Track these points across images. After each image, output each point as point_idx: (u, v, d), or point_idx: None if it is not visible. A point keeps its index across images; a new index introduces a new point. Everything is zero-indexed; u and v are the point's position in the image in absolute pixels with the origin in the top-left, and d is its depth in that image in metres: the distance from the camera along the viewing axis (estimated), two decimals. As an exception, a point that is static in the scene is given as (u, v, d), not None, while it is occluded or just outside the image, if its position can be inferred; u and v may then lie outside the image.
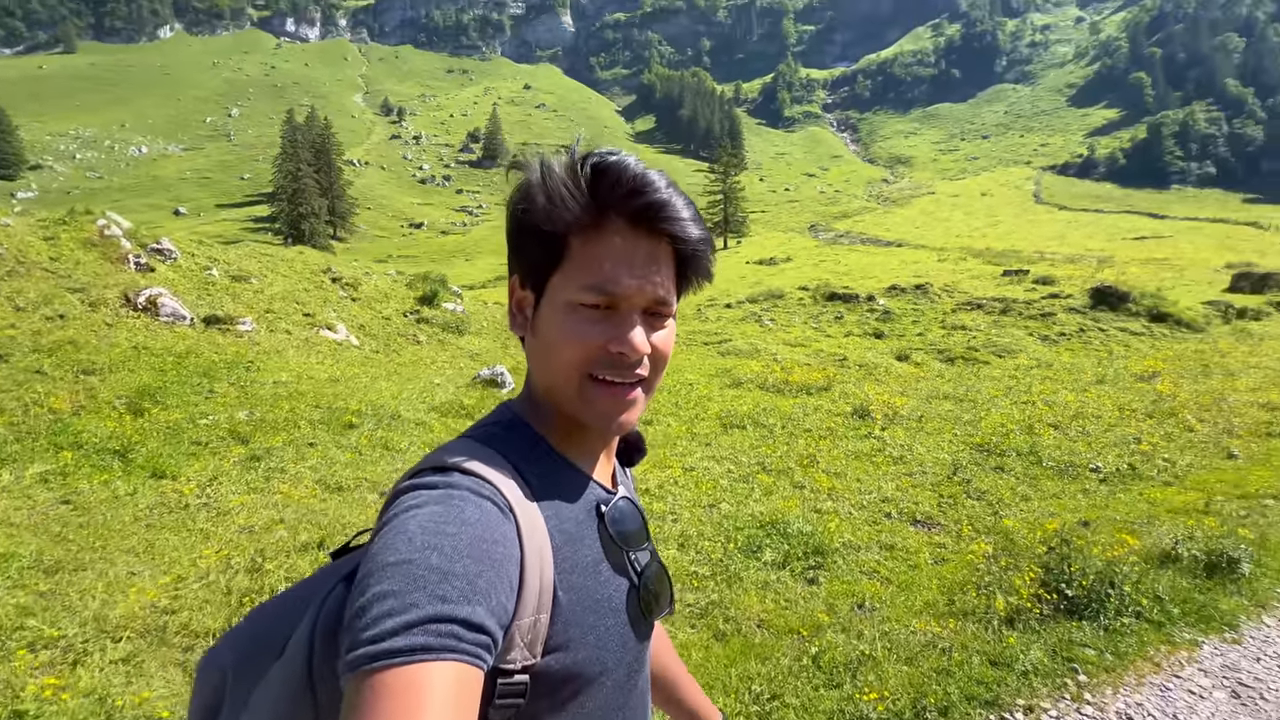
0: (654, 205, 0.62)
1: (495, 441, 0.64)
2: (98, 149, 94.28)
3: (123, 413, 5.28)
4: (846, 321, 18.79)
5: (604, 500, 0.67)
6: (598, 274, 0.61)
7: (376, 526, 0.55)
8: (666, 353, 0.68)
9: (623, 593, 0.65)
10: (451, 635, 0.45)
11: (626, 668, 0.66)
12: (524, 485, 0.61)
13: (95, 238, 9.50)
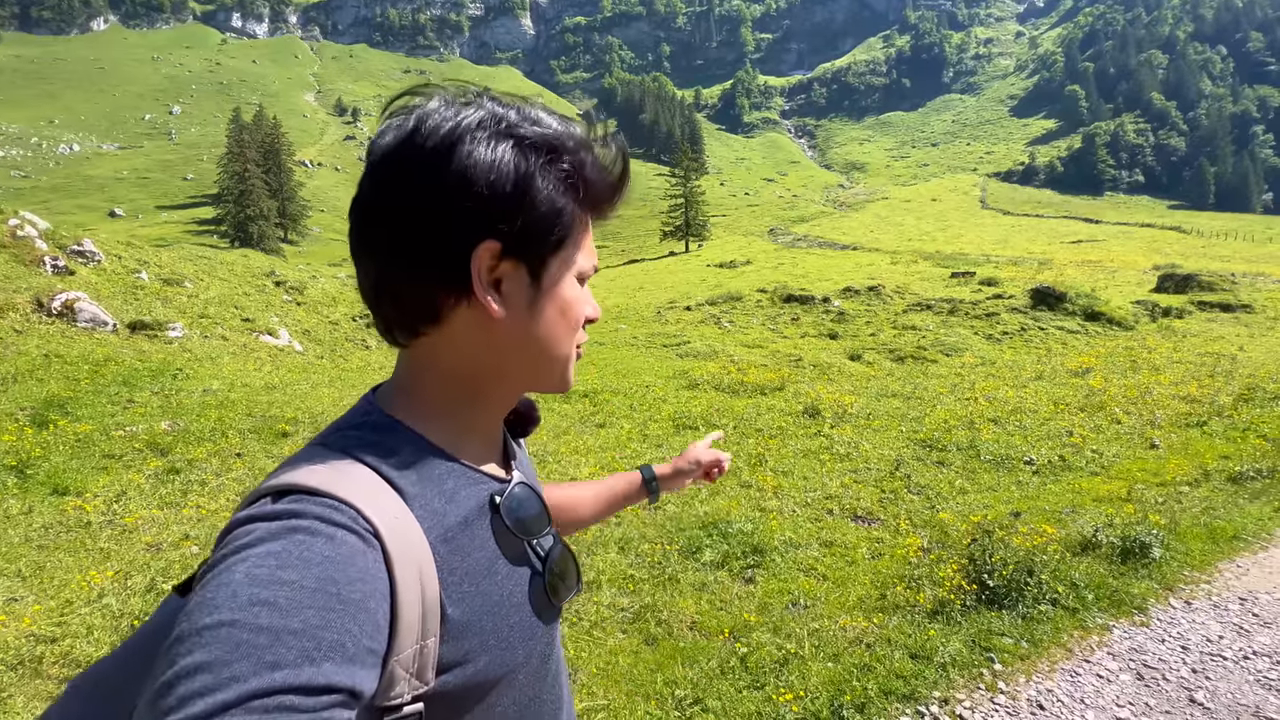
0: (619, 201, 0.64)
1: (358, 448, 0.54)
2: (23, 146, 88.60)
3: (24, 425, 4.89)
4: (803, 323, 19.10)
5: (498, 491, 0.61)
6: (592, 253, 0.63)
7: (199, 573, 0.45)
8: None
9: (525, 584, 0.61)
10: (284, 709, 0.36)
11: (539, 656, 0.63)
12: (395, 497, 0.52)
13: (6, 239, 8.87)
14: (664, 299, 25.51)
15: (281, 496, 0.47)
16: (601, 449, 6.36)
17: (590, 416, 7.84)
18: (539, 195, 0.55)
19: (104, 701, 0.50)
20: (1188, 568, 3.34)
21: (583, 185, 0.59)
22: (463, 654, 0.54)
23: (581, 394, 9.31)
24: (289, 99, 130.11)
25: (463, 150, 0.53)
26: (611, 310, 23.17)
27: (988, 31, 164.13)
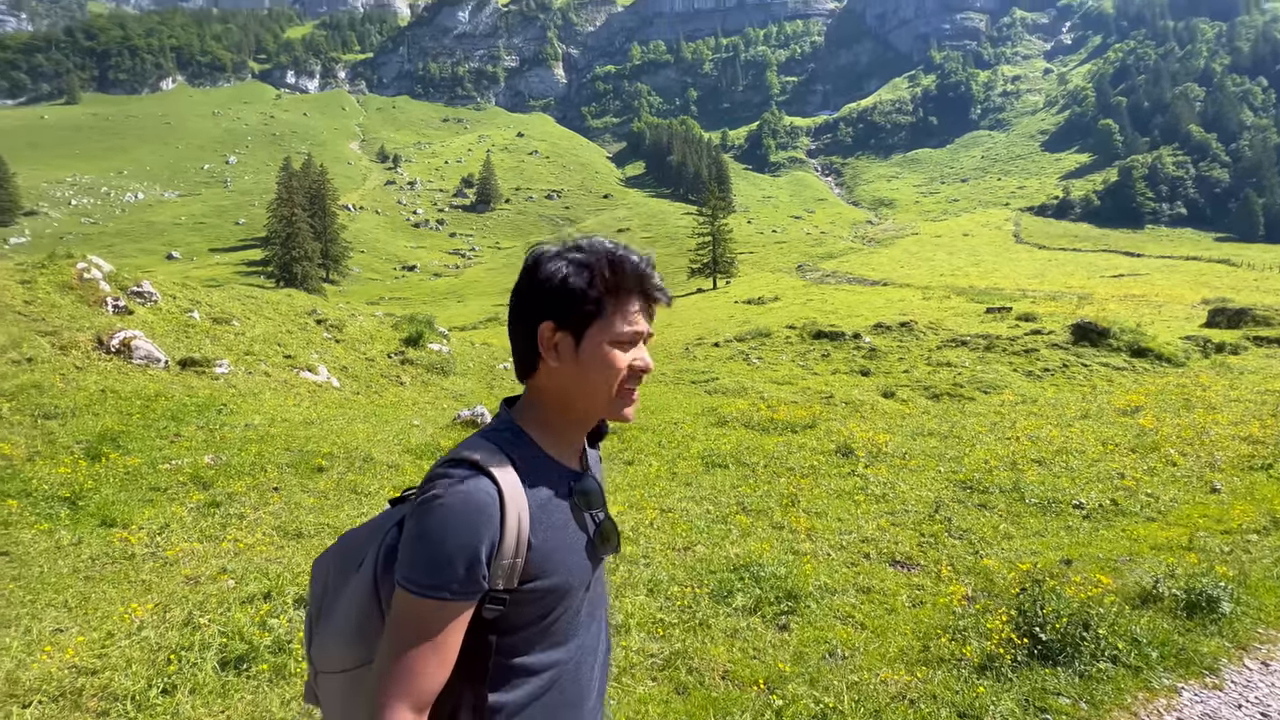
0: (651, 286, 1.04)
1: (501, 443, 0.98)
2: (94, 195, 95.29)
3: (79, 458, 5.11)
4: (833, 359, 18.85)
5: (574, 477, 1.04)
6: (631, 322, 1.01)
7: (418, 495, 0.92)
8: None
9: (582, 537, 1.01)
10: (443, 587, 0.86)
11: (588, 585, 1.05)
12: (515, 470, 0.95)
13: (74, 281, 9.45)
14: (692, 335, 25.55)
15: (459, 465, 0.91)
16: (630, 486, 6.30)
17: (619, 453, 7.80)
18: (575, 291, 0.96)
19: (355, 543, 1.05)
20: (1262, 624, 3.09)
21: (604, 282, 0.98)
22: (539, 571, 0.94)
23: (610, 431, 9.31)
24: (335, 148, 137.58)
25: (541, 267, 0.99)
26: (640, 347, 23.28)
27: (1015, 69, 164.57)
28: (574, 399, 1.01)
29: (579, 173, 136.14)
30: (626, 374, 1.01)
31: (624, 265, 1.00)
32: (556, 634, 0.99)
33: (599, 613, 1.12)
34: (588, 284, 0.97)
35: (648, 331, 1.04)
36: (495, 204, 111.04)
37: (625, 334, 0.99)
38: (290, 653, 2.83)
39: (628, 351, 1.01)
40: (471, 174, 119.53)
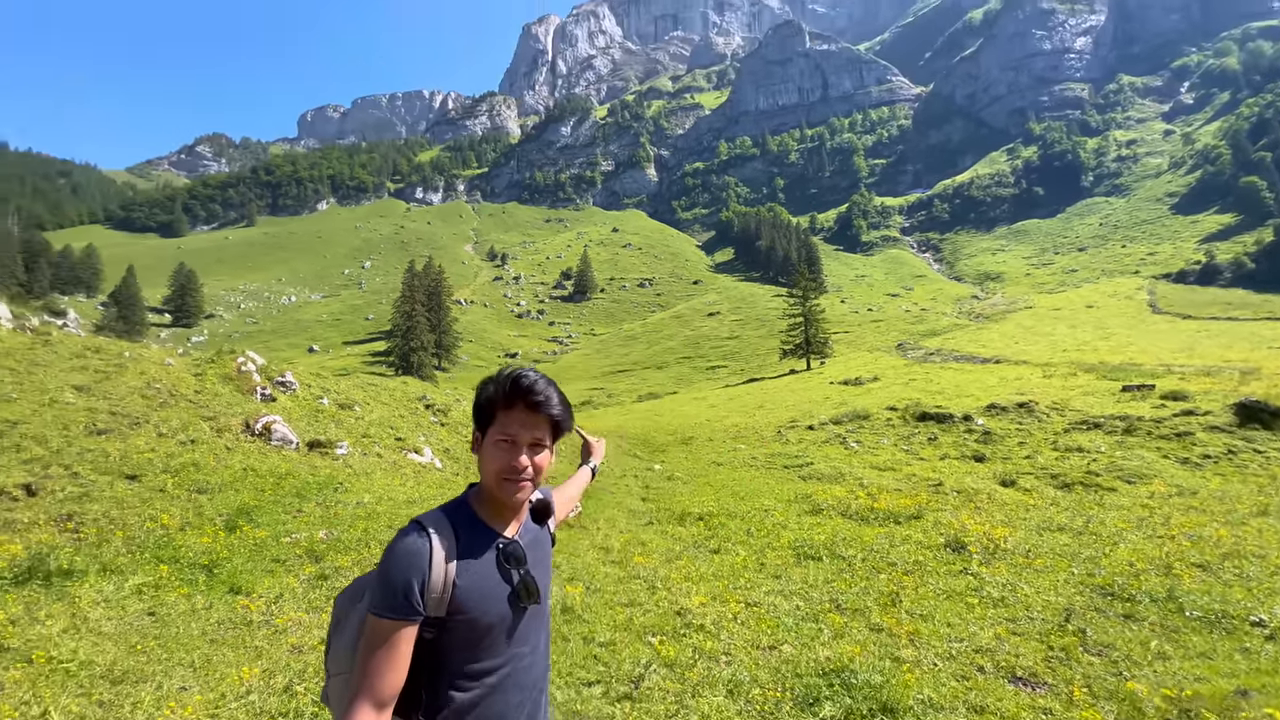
0: (537, 400, 1.41)
1: (447, 510, 1.41)
2: (258, 299, 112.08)
3: (219, 529, 5.76)
4: (941, 443, 17.48)
5: (504, 541, 1.43)
6: (507, 428, 1.41)
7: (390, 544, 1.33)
8: (542, 466, 1.45)
9: (506, 589, 1.39)
10: (390, 610, 1.23)
11: (508, 629, 1.38)
12: (452, 532, 1.36)
13: (233, 373, 11.03)
14: (785, 418, 24.78)
15: (413, 525, 1.34)
16: (715, 576, 6.05)
17: (704, 541, 7.57)
18: (479, 404, 1.43)
19: (356, 591, 1.42)
20: None
21: (490, 401, 1.42)
22: (461, 607, 1.31)
23: (696, 517, 9.09)
24: (453, 250, 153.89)
25: (479, 388, 1.47)
26: (730, 429, 22.89)
27: (1129, 134, 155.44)
28: (484, 481, 1.44)
29: (669, 261, 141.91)
30: (505, 468, 1.39)
31: (514, 384, 1.40)
32: (484, 655, 1.34)
33: (534, 643, 1.44)
34: (487, 399, 1.42)
35: (529, 438, 1.40)
36: (591, 294, 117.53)
37: (504, 436, 1.40)
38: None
39: (507, 451, 1.39)
40: (570, 267, 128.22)
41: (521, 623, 1.40)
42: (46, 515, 5.33)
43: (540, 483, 1.46)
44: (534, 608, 1.42)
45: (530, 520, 1.52)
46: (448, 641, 1.31)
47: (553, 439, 1.45)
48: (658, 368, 67.38)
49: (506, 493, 1.40)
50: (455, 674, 1.32)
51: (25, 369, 8.27)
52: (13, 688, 3.03)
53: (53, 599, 4.04)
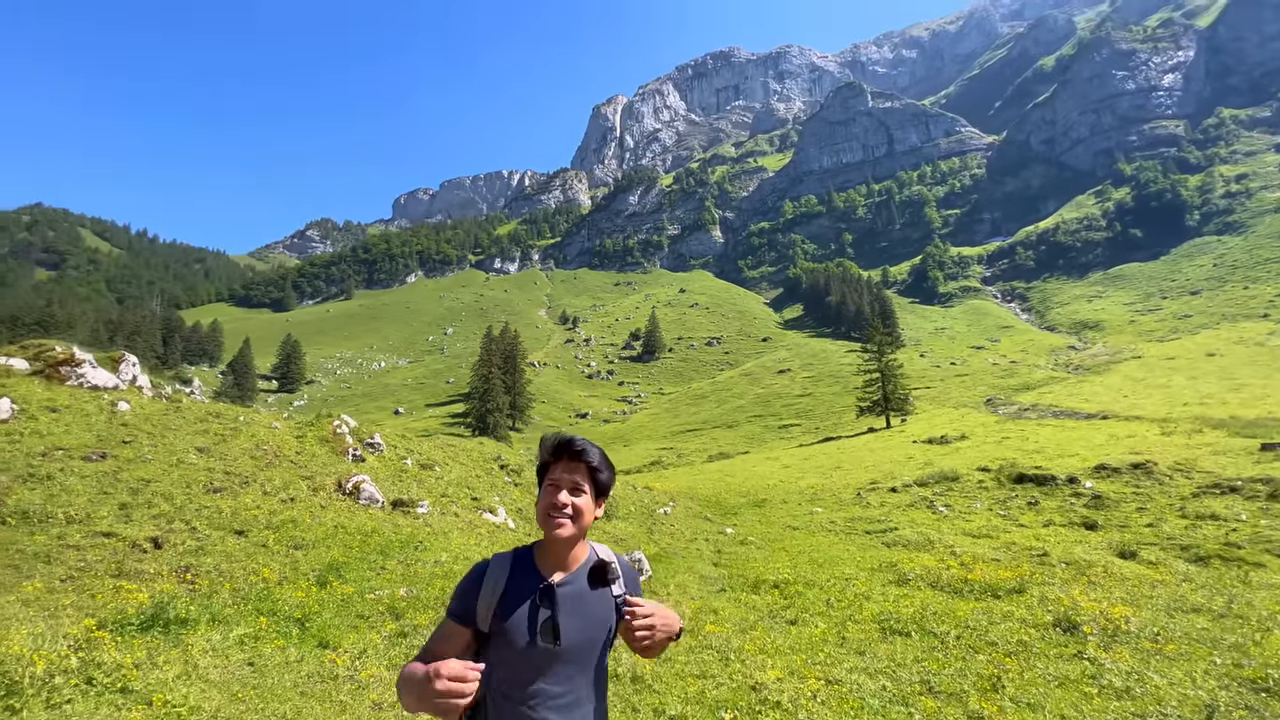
0: (577, 450, 1.78)
1: (515, 553, 1.79)
2: (352, 366, 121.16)
3: (311, 584, 6.11)
4: (1044, 508, 16.00)
5: (544, 583, 1.70)
6: (552, 475, 1.78)
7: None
8: (583, 509, 1.75)
9: (534, 619, 1.65)
10: (448, 610, 1.75)
11: (536, 663, 1.63)
12: (509, 569, 1.73)
13: (329, 435, 11.90)
14: (864, 479, 23.51)
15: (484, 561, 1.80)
16: (792, 650, 5.73)
17: (780, 610, 7.22)
18: (539, 467, 1.83)
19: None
20: None
21: (543, 461, 1.82)
22: (501, 628, 1.66)
23: (771, 584, 8.70)
24: (528, 315, 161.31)
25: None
26: (805, 491, 21.94)
27: (1236, 168, 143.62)
28: (538, 523, 1.75)
29: (737, 320, 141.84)
30: (547, 505, 1.71)
31: (558, 442, 1.77)
32: (519, 679, 1.60)
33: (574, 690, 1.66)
34: (541, 461, 1.80)
35: (570, 481, 1.73)
36: (659, 353, 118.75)
37: (550, 481, 1.74)
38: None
39: (551, 493, 1.72)
40: (638, 328, 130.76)
41: (552, 664, 1.62)
42: (168, 567, 5.87)
43: (583, 526, 1.73)
44: (565, 654, 1.63)
45: (585, 578, 1.73)
46: (494, 657, 1.63)
47: (593, 488, 1.76)
48: (728, 426, 66.22)
49: (549, 527, 1.69)
50: (498, 690, 1.62)
51: (160, 432, 9.32)
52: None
53: (170, 645, 4.40)
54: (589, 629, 1.67)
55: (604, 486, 1.79)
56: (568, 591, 1.69)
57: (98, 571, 5.44)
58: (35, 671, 3.55)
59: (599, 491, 1.78)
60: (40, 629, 4.14)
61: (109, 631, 4.37)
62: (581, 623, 1.66)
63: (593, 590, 1.72)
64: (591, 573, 1.74)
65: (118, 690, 3.68)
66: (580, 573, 1.74)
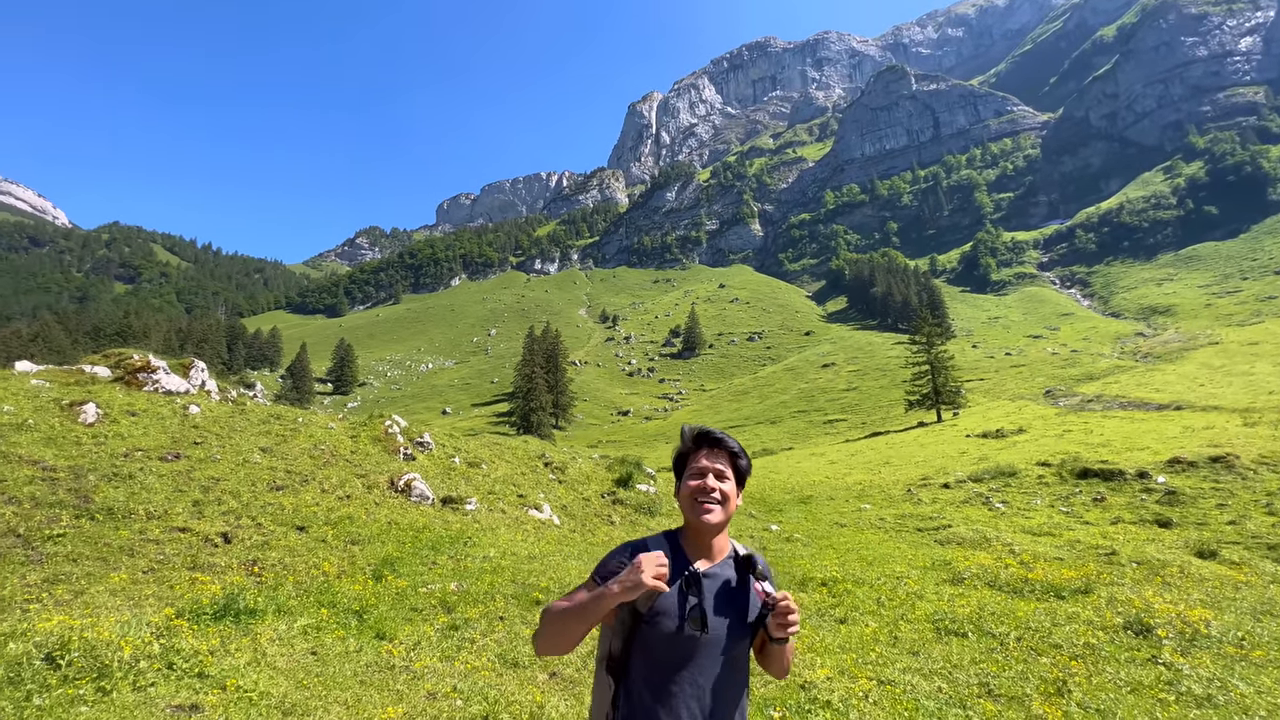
0: (716, 439, 1.83)
1: (666, 534, 1.81)
2: (401, 368, 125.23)
3: (368, 578, 6.35)
4: (1111, 505, 15.19)
5: (690, 569, 1.68)
6: (695, 463, 1.82)
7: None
8: (729, 494, 1.77)
9: (682, 604, 1.64)
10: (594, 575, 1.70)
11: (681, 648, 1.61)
12: (667, 545, 1.75)
13: (381, 435, 12.34)
14: (915, 475, 22.80)
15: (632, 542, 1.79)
16: (842, 649, 5.61)
17: (829, 609, 7.08)
18: (676, 459, 1.90)
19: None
20: None
21: (681, 453, 1.87)
22: (652, 610, 1.63)
23: (819, 582, 8.55)
24: (568, 315, 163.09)
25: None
26: (853, 488, 21.46)
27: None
28: (683, 512, 1.78)
29: (779, 314, 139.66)
30: (694, 490, 1.73)
31: (697, 434, 1.81)
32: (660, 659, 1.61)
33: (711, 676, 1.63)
34: (679, 452, 1.86)
35: (714, 468, 1.76)
36: (700, 350, 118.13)
37: (694, 470, 1.77)
38: (498, 780, 3.00)
39: (697, 480, 1.75)
40: (678, 325, 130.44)
41: (696, 652, 1.62)
42: (238, 560, 6.21)
43: (729, 512, 1.74)
44: (710, 643, 1.62)
45: (730, 569, 1.75)
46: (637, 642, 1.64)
47: (735, 475, 1.79)
48: (770, 422, 65.33)
49: (697, 512, 1.71)
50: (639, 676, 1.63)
51: (227, 433, 9.87)
52: (210, 710, 3.52)
53: (240, 634, 4.66)
54: (734, 620, 1.66)
55: (743, 473, 1.81)
56: (713, 581, 1.69)
57: (175, 564, 5.81)
58: (123, 656, 3.82)
59: (739, 478, 1.79)
60: (126, 617, 4.45)
61: (186, 620, 4.66)
62: (727, 613, 1.65)
63: (738, 582, 1.72)
64: (738, 564, 1.74)
65: (195, 675, 3.92)
66: (725, 564, 1.74)
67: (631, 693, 1.60)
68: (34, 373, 10.35)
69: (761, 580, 1.70)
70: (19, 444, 7.22)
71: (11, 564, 5.17)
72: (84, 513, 6.25)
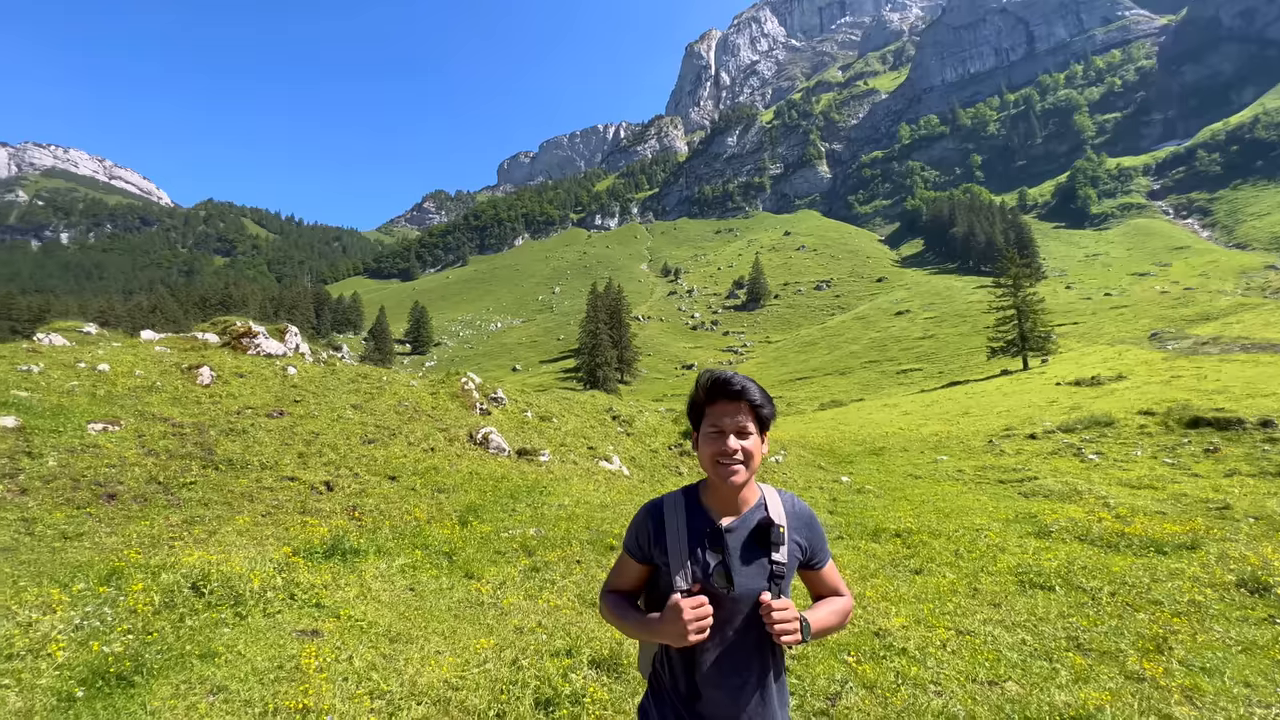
0: (734, 390, 1.62)
1: (685, 491, 1.72)
2: (472, 328, 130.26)
3: (454, 523, 6.82)
4: (1226, 456, 13.94)
5: (712, 527, 1.64)
6: (714, 420, 1.63)
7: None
8: (752, 451, 1.62)
9: (704, 565, 1.61)
10: (624, 545, 1.74)
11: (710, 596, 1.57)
12: (684, 508, 1.67)
13: (458, 391, 12.98)
14: (998, 425, 21.68)
15: (655, 500, 1.77)
16: (917, 599, 5.54)
17: (904, 560, 6.98)
18: (691, 407, 1.71)
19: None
20: None
21: (696, 401, 1.68)
22: (679, 564, 1.61)
23: (893, 533, 8.42)
24: (629, 270, 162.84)
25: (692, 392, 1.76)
26: (928, 439, 20.72)
27: None
28: (704, 469, 1.65)
29: (848, 260, 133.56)
30: (716, 452, 1.60)
31: (712, 383, 1.63)
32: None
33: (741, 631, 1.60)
34: (693, 400, 1.69)
35: (734, 425, 1.60)
36: (764, 301, 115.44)
37: (712, 427, 1.61)
38: (583, 705, 3.23)
39: (716, 439, 1.60)
40: (742, 276, 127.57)
41: (725, 607, 1.57)
42: (340, 506, 6.82)
43: (753, 468, 1.63)
44: (739, 600, 1.59)
45: (751, 528, 1.65)
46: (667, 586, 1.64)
47: (758, 426, 1.64)
48: (840, 373, 63.54)
49: (721, 475, 1.60)
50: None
51: (321, 392, 10.69)
52: (329, 635, 3.95)
53: (347, 570, 5.16)
54: (762, 575, 1.59)
55: (767, 422, 1.65)
56: (738, 535, 1.62)
57: (288, 509, 6.45)
58: (253, 587, 4.33)
59: (762, 427, 1.65)
60: (252, 554, 5.02)
61: (301, 557, 5.20)
62: (755, 570, 1.59)
63: (756, 539, 1.64)
64: (755, 534, 1.63)
65: (313, 605, 4.40)
66: (753, 512, 1.66)
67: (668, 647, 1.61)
68: (156, 340, 11.52)
69: (776, 548, 1.61)
70: (152, 404, 8.12)
71: (157, 507, 5.91)
72: (209, 463, 7.02)
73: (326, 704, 3.08)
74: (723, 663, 1.56)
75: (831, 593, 1.75)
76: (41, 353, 9.02)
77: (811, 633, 1.56)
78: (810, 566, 1.71)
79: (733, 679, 1.56)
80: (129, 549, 4.98)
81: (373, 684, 3.33)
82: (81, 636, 3.51)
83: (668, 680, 1.62)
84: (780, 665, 1.66)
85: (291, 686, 3.26)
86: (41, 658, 3.28)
